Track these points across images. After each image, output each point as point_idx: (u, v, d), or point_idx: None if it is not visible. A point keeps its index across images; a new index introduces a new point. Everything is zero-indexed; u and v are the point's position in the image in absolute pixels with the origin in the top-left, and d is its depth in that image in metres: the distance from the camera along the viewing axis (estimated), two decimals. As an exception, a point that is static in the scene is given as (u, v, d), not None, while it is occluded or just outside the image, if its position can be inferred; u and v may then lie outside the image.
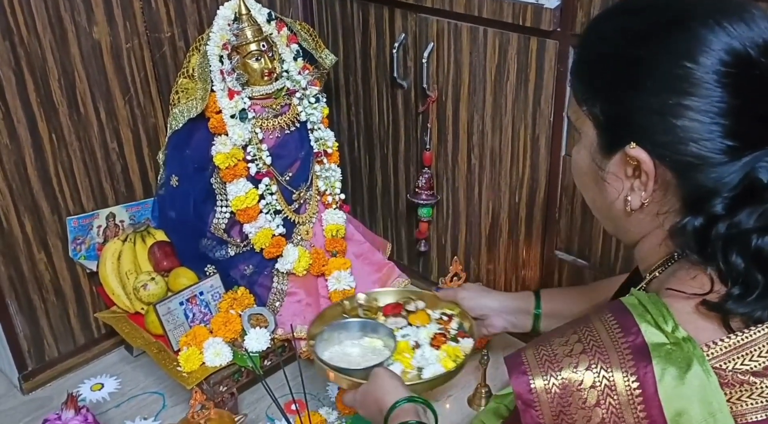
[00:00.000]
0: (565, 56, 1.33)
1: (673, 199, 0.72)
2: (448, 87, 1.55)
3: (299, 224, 1.62)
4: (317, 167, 1.64)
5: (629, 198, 0.74)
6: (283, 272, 1.57)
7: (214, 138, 1.49)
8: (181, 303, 1.49)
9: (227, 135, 1.47)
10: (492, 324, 1.35)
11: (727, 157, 0.66)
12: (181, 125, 1.50)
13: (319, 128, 1.61)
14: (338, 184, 1.66)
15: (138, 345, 1.53)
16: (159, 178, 1.64)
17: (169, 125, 1.54)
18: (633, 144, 0.70)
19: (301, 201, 1.62)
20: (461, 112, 1.55)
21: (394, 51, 1.60)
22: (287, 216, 1.58)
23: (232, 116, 1.47)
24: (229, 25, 1.48)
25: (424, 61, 1.55)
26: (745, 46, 0.65)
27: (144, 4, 1.52)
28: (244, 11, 1.48)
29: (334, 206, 1.66)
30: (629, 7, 0.74)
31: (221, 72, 1.47)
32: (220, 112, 1.47)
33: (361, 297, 1.49)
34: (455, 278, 1.62)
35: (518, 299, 1.34)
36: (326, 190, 1.65)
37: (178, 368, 1.43)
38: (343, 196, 1.68)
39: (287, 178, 1.57)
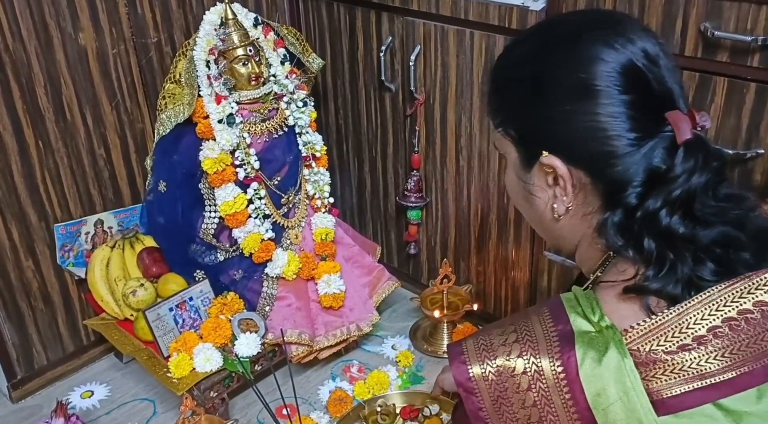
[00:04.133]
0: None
1: (593, 199, 0.78)
2: (435, 89, 1.56)
3: (288, 228, 1.61)
4: (306, 171, 1.64)
5: (555, 206, 0.81)
6: (272, 277, 1.57)
7: (202, 143, 1.49)
8: (171, 309, 1.49)
9: (215, 140, 1.47)
10: None
11: (629, 149, 0.73)
12: (168, 131, 1.50)
13: (307, 132, 1.61)
14: (327, 188, 1.66)
15: (127, 352, 1.52)
16: (147, 183, 1.63)
17: (156, 131, 1.54)
18: (545, 153, 0.77)
19: (290, 205, 1.62)
20: (449, 114, 1.56)
21: (382, 54, 1.60)
22: (276, 220, 1.58)
23: (220, 121, 1.46)
24: (215, 30, 1.48)
25: (411, 64, 1.55)
26: (629, 55, 0.74)
27: (130, 9, 1.51)
28: (230, 16, 1.48)
29: (323, 210, 1.66)
30: (525, 36, 0.84)
31: (208, 77, 1.47)
32: (207, 117, 1.47)
33: (380, 402, 1.47)
34: (445, 280, 1.62)
35: None
36: (315, 194, 1.65)
37: (168, 375, 1.43)
38: (332, 199, 1.68)
39: (276, 182, 1.57)
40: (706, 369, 0.67)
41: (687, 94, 1.13)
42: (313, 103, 1.63)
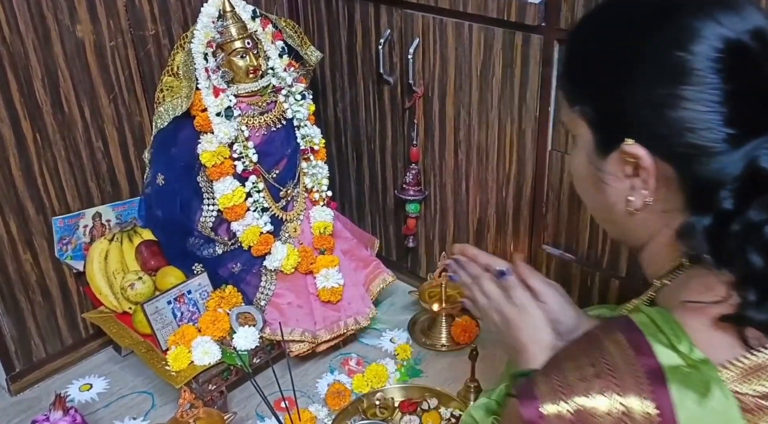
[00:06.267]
0: (550, 51, 1.33)
1: (676, 196, 0.69)
2: (434, 83, 1.55)
3: (287, 221, 1.61)
4: (304, 164, 1.63)
5: (631, 198, 0.72)
6: (271, 270, 1.57)
7: (200, 136, 1.48)
8: (169, 302, 1.49)
9: (213, 133, 1.46)
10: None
11: (727, 145, 0.64)
12: (166, 123, 1.50)
13: (306, 125, 1.60)
14: (325, 181, 1.66)
15: (126, 345, 1.52)
16: (145, 177, 1.63)
17: (154, 123, 1.54)
18: (629, 140, 0.68)
19: (289, 198, 1.62)
20: (447, 107, 1.55)
21: (380, 47, 1.60)
22: (275, 213, 1.58)
23: (218, 114, 1.46)
24: (213, 22, 1.48)
25: (409, 56, 1.54)
26: (737, 33, 0.63)
27: (128, 1, 1.51)
28: (228, 8, 1.48)
29: (321, 203, 1.66)
30: (616, 2, 0.73)
31: (206, 70, 1.46)
32: (205, 110, 1.47)
33: (379, 396, 1.47)
34: (443, 273, 1.62)
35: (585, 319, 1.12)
36: (313, 187, 1.65)
37: (167, 368, 1.43)
38: (330, 193, 1.67)
39: (274, 175, 1.57)
40: None
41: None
42: (311, 96, 1.63)
